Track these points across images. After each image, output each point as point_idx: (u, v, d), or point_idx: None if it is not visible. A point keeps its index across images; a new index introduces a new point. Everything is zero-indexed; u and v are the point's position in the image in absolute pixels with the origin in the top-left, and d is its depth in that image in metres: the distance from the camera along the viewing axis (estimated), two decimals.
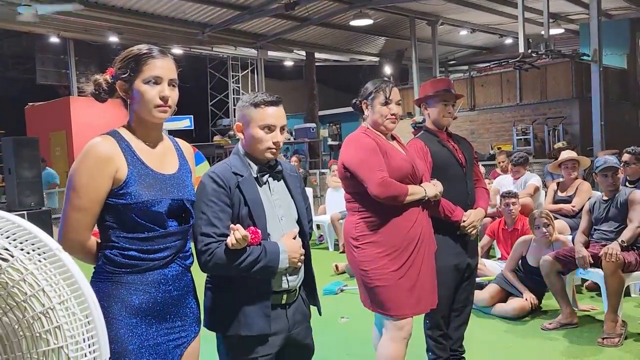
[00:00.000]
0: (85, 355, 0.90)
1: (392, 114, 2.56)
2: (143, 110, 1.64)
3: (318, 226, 8.16)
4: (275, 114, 1.89)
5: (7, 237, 0.96)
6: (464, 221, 2.80)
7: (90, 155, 1.58)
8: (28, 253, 0.96)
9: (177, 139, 1.86)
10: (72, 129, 12.52)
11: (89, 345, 0.93)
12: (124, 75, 1.64)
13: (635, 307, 4.21)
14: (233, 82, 17.18)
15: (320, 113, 16.68)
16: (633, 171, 4.78)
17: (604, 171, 3.94)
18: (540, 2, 9.33)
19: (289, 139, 16.45)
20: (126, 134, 1.67)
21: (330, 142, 18.66)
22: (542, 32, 8.88)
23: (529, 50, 8.30)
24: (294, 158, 9.88)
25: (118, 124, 1.71)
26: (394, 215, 2.49)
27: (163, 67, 1.64)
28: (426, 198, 2.54)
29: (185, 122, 13.30)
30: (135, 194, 1.59)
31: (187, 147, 1.86)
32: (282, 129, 1.91)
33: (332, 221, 7.36)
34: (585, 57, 8.93)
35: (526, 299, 4.13)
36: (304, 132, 14.54)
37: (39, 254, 0.98)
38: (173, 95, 1.66)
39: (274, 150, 1.91)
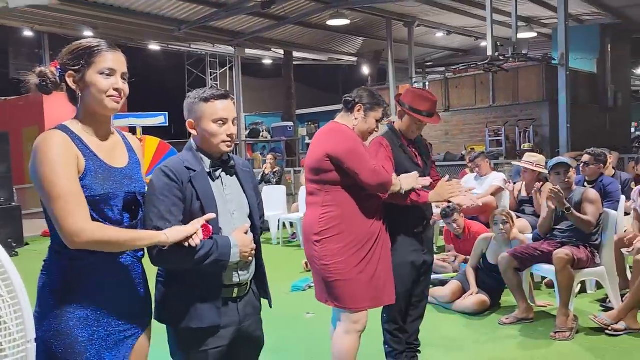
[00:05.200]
0: (12, 335, 0.95)
1: (374, 131, 2.69)
2: (95, 101, 1.63)
3: (292, 224, 8.21)
4: (226, 107, 1.92)
5: None
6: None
7: (48, 145, 1.54)
8: None
9: (125, 133, 1.87)
10: (45, 125, 12.36)
11: (16, 325, 0.98)
12: (75, 67, 1.63)
13: (590, 303, 4.36)
14: (211, 79, 17.13)
15: (299, 112, 16.70)
16: (592, 172, 4.95)
17: (556, 168, 4.09)
18: (510, 5, 9.54)
19: (266, 138, 16.43)
20: (75, 128, 1.64)
21: (308, 140, 18.67)
22: (511, 36, 9.09)
23: (497, 54, 8.48)
24: (269, 156, 9.89)
25: None
26: (358, 210, 2.57)
27: (115, 60, 1.65)
28: (403, 191, 2.65)
29: (160, 119, 13.20)
30: (91, 187, 1.57)
31: (134, 140, 1.87)
32: (233, 121, 1.95)
33: None
34: (553, 61, 9.16)
35: (471, 293, 4.29)
36: (281, 131, 14.58)
37: None
38: (125, 88, 1.67)
39: (229, 143, 1.94)
